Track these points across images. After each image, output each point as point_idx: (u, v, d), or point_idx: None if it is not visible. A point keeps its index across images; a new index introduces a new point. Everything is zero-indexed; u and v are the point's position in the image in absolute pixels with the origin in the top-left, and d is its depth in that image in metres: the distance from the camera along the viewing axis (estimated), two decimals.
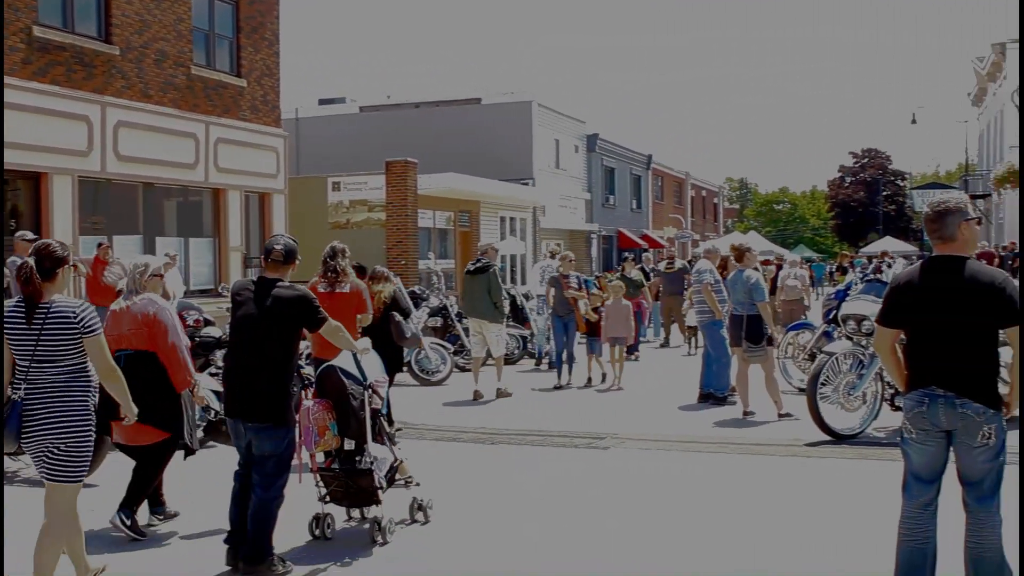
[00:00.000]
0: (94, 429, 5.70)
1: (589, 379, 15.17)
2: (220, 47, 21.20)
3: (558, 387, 14.89)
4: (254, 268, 21.82)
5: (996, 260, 32.28)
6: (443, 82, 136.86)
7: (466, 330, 17.26)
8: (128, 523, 7.10)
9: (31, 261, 5.56)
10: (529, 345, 18.55)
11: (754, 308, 11.68)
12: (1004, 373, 5.50)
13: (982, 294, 5.01)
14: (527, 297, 19.62)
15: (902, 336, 5.38)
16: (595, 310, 15.35)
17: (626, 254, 28.05)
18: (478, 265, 14.23)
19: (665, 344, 21.82)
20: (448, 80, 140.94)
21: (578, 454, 10.15)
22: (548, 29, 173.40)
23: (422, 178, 27.54)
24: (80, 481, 5.71)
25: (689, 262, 22.96)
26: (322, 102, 42.34)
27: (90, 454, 5.72)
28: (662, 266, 22.64)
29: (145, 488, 7.29)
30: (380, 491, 7.06)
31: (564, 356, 15.22)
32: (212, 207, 21.12)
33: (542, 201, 37.31)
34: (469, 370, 16.70)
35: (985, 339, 5.07)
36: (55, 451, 5.52)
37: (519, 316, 18.32)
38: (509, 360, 16.38)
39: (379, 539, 7.04)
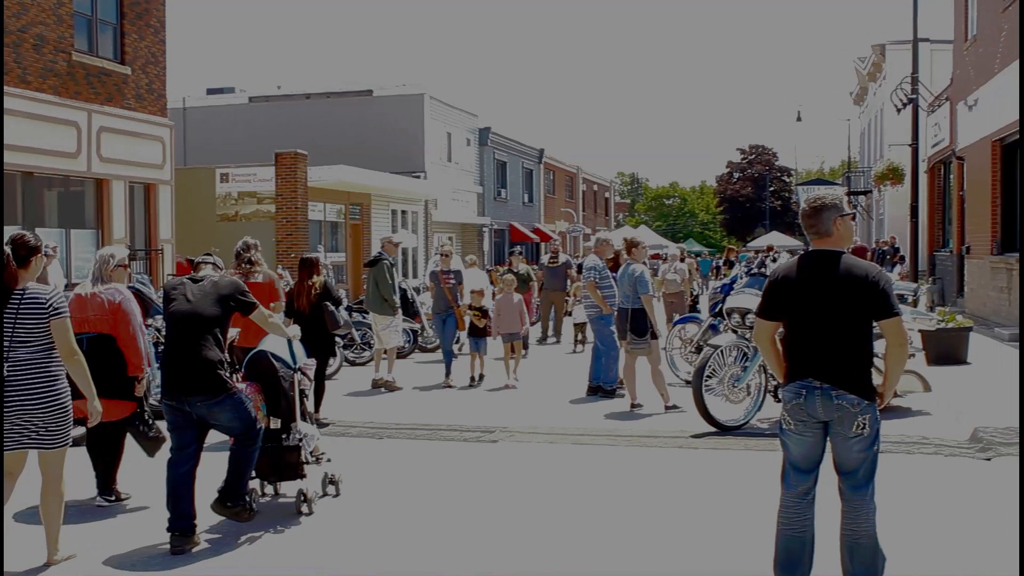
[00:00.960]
0: (70, 399, 6.33)
1: (472, 377, 14.54)
2: (103, 33, 20.62)
3: (448, 386, 14.46)
4: (139, 261, 21.35)
5: (870, 254, 33.29)
6: (334, 73, 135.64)
7: (357, 324, 17.18)
8: (111, 499, 7.92)
9: (8, 249, 6.16)
10: (420, 339, 18.48)
11: (639, 301, 11.83)
12: (879, 363, 5.66)
13: (856, 288, 5.14)
14: (418, 291, 19.55)
15: (783, 329, 5.51)
16: (480, 309, 14.72)
17: (513, 248, 27.81)
18: (372, 258, 14.56)
19: (547, 338, 20.92)
20: (339, 71, 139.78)
21: (468, 448, 10.15)
22: (440, 21, 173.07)
23: (312, 170, 27.24)
24: (66, 445, 6.36)
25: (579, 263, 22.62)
26: (210, 91, 41.64)
27: (70, 421, 6.36)
28: (545, 259, 22.16)
29: (116, 463, 8.01)
30: (305, 465, 7.72)
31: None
32: (95, 198, 20.55)
33: (434, 194, 37.23)
34: (359, 364, 16.67)
35: (859, 332, 5.20)
36: (38, 423, 6.16)
37: (410, 310, 18.23)
38: (400, 354, 16.33)
39: (305, 509, 7.59)
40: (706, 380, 10.56)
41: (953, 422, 10.70)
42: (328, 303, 11.38)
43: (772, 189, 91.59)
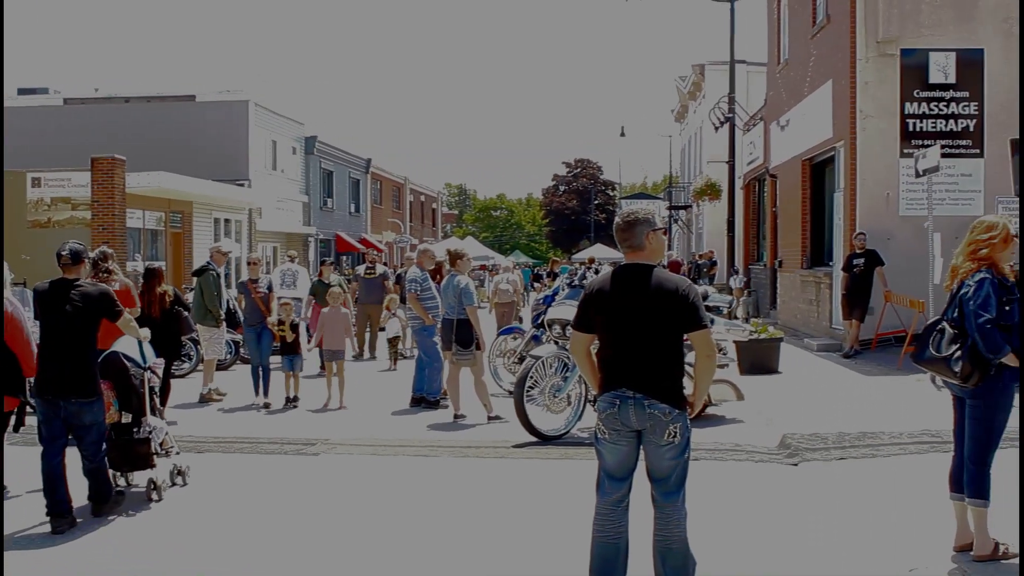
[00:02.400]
0: None
1: (287, 399, 13.44)
2: None
3: (256, 406, 13.43)
4: None
5: (683, 268, 34.33)
6: (155, 77, 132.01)
7: None
8: None
9: None
10: (242, 350, 18.06)
11: (464, 312, 11.90)
12: (691, 371, 5.84)
13: (667, 300, 5.28)
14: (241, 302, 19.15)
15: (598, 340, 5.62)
16: (293, 326, 13.63)
17: (325, 258, 26.65)
18: (199, 268, 14.41)
19: (360, 356, 19.56)
20: (161, 75, 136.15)
21: (288, 461, 10.00)
22: (265, 28, 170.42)
23: (131, 176, 26.34)
24: None
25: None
26: (22, 91, 39.93)
27: None
28: (361, 270, 20.91)
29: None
30: (155, 456, 8.38)
31: (259, 370, 13.71)
32: None
33: (258, 203, 36.62)
34: (178, 376, 16.20)
35: (670, 343, 5.35)
36: None
37: (233, 320, 17.82)
38: (221, 365, 15.99)
39: (155, 496, 8.28)
40: (528, 391, 10.69)
41: (764, 429, 11.10)
42: (181, 309, 12.20)
43: (597, 202, 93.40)
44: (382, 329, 19.57)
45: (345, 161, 49.78)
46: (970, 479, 6.30)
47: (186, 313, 12.30)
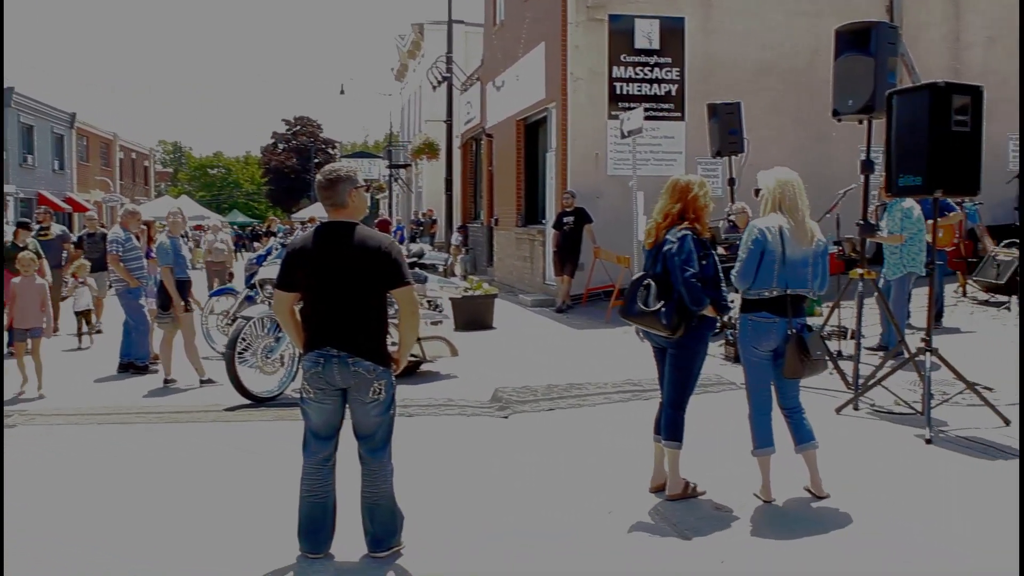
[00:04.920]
0: None
1: None
2: None
3: None
4: None
5: (411, 225, 34.53)
6: None
7: None
8: None
9: None
10: None
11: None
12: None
13: (370, 258, 5.29)
14: None
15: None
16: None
17: (23, 219, 24.01)
18: None
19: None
20: None
21: None
22: None
23: None
24: None
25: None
26: None
27: None
28: (34, 231, 17.56)
29: None
30: None
31: None
32: None
33: None
34: None
35: (374, 302, 5.38)
36: None
37: None
38: None
39: None
40: (240, 352, 10.49)
41: (477, 384, 11.33)
42: None
43: (317, 161, 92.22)
44: (64, 298, 17.40)
45: (47, 115, 47.05)
46: (667, 422, 6.63)
47: None
